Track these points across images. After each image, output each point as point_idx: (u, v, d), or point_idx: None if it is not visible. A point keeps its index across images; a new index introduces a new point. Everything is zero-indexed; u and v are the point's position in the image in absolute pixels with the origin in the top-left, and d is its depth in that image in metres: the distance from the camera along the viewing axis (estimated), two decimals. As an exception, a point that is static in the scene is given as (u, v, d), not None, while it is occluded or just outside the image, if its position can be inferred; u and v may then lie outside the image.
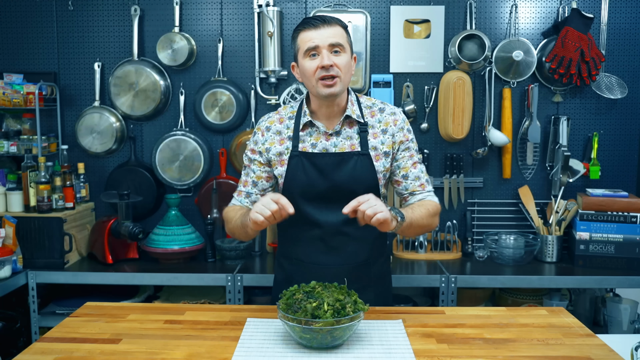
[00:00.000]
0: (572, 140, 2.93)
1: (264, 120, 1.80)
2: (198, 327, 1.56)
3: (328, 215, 1.71)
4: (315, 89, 1.66)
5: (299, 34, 1.66)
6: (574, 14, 2.72)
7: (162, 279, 2.59)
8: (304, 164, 1.71)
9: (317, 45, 1.62)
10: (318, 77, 1.62)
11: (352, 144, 1.72)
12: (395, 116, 1.76)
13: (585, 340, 1.48)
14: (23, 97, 2.77)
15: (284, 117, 1.77)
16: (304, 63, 1.65)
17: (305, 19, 1.67)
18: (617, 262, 2.63)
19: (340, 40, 1.63)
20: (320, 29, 1.62)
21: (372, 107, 1.77)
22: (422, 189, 1.77)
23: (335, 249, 1.74)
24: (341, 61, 1.63)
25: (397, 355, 1.38)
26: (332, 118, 1.73)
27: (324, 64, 1.61)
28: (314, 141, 1.72)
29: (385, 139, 1.73)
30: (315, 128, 1.73)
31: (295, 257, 1.80)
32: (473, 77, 2.86)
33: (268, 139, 1.76)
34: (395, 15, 2.86)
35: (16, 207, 2.71)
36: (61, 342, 1.45)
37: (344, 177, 1.69)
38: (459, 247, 2.86)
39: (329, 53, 1.62)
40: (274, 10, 2.80)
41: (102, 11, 2.92)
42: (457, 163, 2.91)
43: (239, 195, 1.83)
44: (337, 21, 1.67)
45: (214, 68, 2.92)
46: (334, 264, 1.73)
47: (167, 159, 2.88)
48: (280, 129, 1.76)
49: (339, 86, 1.64)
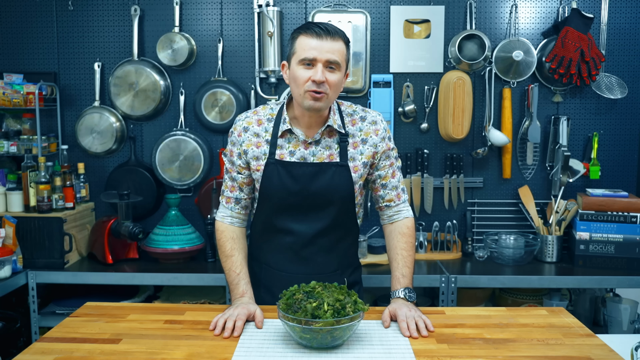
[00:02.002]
0: (572, 140, 2.93)
1: (241, 119, 1.75)
2: (198, 327, 1.56)
3: (301, 225, 1.72)
4: (300, 98, 1.62)
5: (299, 37, 1.62)
6: (574, 14, 2.72)
7: (162, 279, 2.59)
8: (280, 172, 1.69)
9: (314, 58, 1.58)
10: (307, 88, 1.59)
11: (331, 153, 1.70)
12: (377, 125, 1.74)
13: (585, 340, 1.48)
14: (23, 97, 2.77)
15: (263, 119, 1.73)
16: (297, 70, 1.61)
17: (310, 24, 1.62)
18: (617, 262, 2.63)
19: (338, 58, 1.59)
20: (322, 40, 1.58)
21: (353, 115, 1.75)
22: (398, 198, 1.81)
23: (305, 259, 1.75)
24: (333, 79, 1.60)
25: (397, 355, 1.38)
26: (313, 126, 1.70)
27: (316, 79, 1.57)
28: (293, 149, 1.70)
29: (365, 149, 1.72)
30: (294, 135, 1.70)
31: (264, 263, 1.80)
32: (473, 77, 2.86)
33: (245, 140, 1.72)
34: (395, 15, 2.86)
35: (16, 207, 2.71)
36: (61, 342, 1.45)
37: (321, 188, 1.69)
38: (459, 247, 2.86)
39: (324, 68, 1.58)
40: (274, 10, 2.81)
41: (102, 11, 2.92)
42: (457, 163, 2.91)
43: (227, 203, 1.80)
44: (341, 35, 1.62)
45: (214, 68, 2.92)
46: (302, 273, 1.73)
47: (167, 159, 2.88)
48: (258, 132, 1.72)
49: (324, 102, 1.61)
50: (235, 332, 1.50)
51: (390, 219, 1.81)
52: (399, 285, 1.70)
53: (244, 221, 1.83)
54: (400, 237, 1.78)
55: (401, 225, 1.79)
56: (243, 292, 1.70)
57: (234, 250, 1.76)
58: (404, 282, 1.71)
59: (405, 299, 1.66)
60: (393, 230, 1.80)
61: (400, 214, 1.81)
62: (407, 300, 1.66)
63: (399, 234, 1.78)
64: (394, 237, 1.79)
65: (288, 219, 1.72)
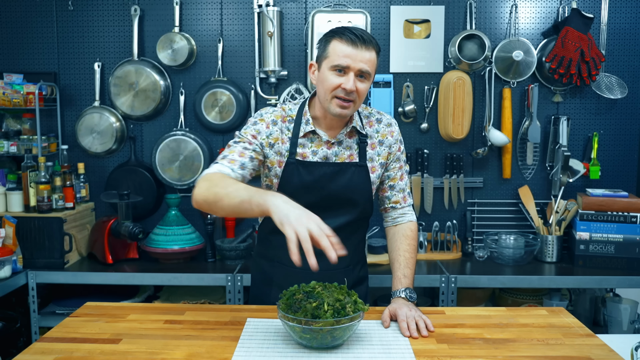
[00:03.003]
0: (572, 140, 2.93)
1: (269, 112, 1.72)
2: (198, 327, 1.56)
3: None
4: (327, 103, 1.63)
5: (332, 41, 1.60)
6: (574, 14, 2.72)
7: (162, 279, 2.59)
8: (300, 172, 1.69)
9: (348, 66, 1.58)
10: (336, 95, 1.60)
11: (351, 154, 1.72)
12: (392, 128, 1.78)
13: (585, 340, 1.48)
14: (23, 97, 2.77)
15: (286, 117, 1.73)
16: (328, 75, 1.61)
17: (345, 29, 1.60)
18: (617, 262, 2.63)
19: (370, 69, 1.60)
20: (357, 48, 1.58)
21: (369, 117, 1.77)
22: (404, 201, 1.82)
23: (318, 255, 1.73)
24: (363, 88, 1.61)
25: (397, 355, 1.38)
26: (334, 127, 1.72)
27: (347, 87, 1.58)
28: (315, 148, 1.71)
29: (382, 150, 1.76)
30: (317, 135, 1.70)
31: (277, 260, 1.79)
32: (473, 77, 2.86)
33: (274, 132, 1.70)
34: (395, 15, 2.86)
35: (16, 207, 2.71)
36: (61, 342, 1.45)
37: (340, 188, 1.70)
38: (459, 247, 2.86)
39: (355, 77, 1.59)
40: (274, 10, 2.81)
41: (102, 11, 2.92)
42: (457, 163, 2.91)
43: (231, 163, 1.60)
44: (374, 44, 1.62)
45: (214, 68, 2.92)
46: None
47: (167, 159, 2.88)
48: (283, 129, 1.72)
49: (351, 110, 1.63)
50: (333, 238, 1.33)
51: (394, 221, 1.82)
52: (401, 285, 1.71)
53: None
54: (403, 239, 1.79)
55: (405, 228, 1.80)
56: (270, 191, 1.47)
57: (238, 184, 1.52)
58: (406, 283, 1.71)
59: (406, 299, 1.66)
60: (396, 233, 1.81)
61: (405, 217, 1.82)
62: (408, 300, 1.66)
63: (403, 236, 1.79)
64: (397, 239, 1.79)
65: None
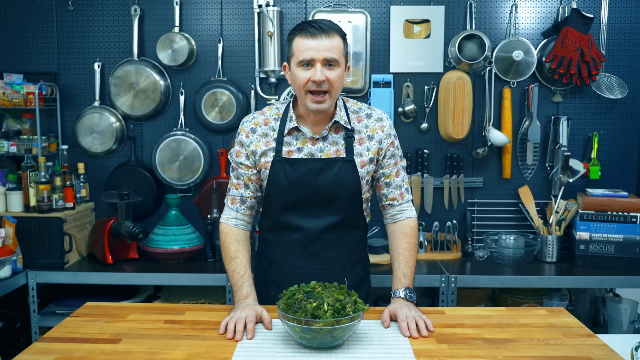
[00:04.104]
0: (572, 140, 2.93)
1: (248, 121, 1.76)
2: (198, 327, 1.56)
3: (309, 220, 1.72)
4: (303, 100, 1.64)
5: (294, 38, 1.63)
6: (574, 14, 2.72)
7: (162, 279, 2.59)
8: (286, 170, 1.69)
9: (312, 58, 1.59)
10: (308, 89, 1.61)
11: (338, 149, 1.71)
12: (382, 122, 1.76)
13: (585, 340, 1.48)
14: (23, 97, 2.77)
15: (269, 119, 1.74)
16: (296, 72, 1.62)
17: (304, 24, 1.62)
18: (617, 262, 2.63)
19: (335, 55, 1.60)
20: (318, 38, 1.58)
21: (358, 112, 1.76)
22: (402, 198, 1.80)
23: (314, 254, 1.75)
24: (333, 76, 1.61)
25: (397, 355, 1.38)
26: (319, 123, 1.71)
27: (315, 79, 1.59)
28: (300, 145, 1.71)
29: (372, 145, 1.73)
30: (302, 132, 1.71)
31: (274, 260, 1.80)
32: (473, 77, 2.86)
33: (253, 140, 1.73)
34: (395, 15, 2.86)
35: (16, 207, 2.71)
36: (61, 342, 1.45)
37: (327, 183, 1.69)
38: (459, 247, 2.86)
39: (322, 67, 1.59)
40: (274, 10, 2.81)
41: (102, 11, 2.92)
42: (457, 163, 2.91)
43: (233, 204, 1.78)
44: (336, 30, 1.62)
45: (214, 68, 2.92)
46: (312, 268, 1.74)
47: (167, 159, 2.88)
48: (266, 131, 1.73)
49: (327, 102, 1.63)
50: (247, 335, 1.48)
51: (393, 218, 1.81)
52: (400, 285, 1.70)
53: (249, 224, 1.81)
54: (402, 236, 1.78)
55: (404, 225, 1.79)
56: (247, 294, 1.68)
57: (238, 252, 1.74)
58: (405, 282, 1.71)
59: (406, 299, 1.66)
60: (396, 230, 1.80)
61: (403, 213, 1.81)
62: (408, 300, 1.66)
63: (402, 233, 1.78)
64: (397, 237, 1.79)
65: (296, 215, 1.72)
